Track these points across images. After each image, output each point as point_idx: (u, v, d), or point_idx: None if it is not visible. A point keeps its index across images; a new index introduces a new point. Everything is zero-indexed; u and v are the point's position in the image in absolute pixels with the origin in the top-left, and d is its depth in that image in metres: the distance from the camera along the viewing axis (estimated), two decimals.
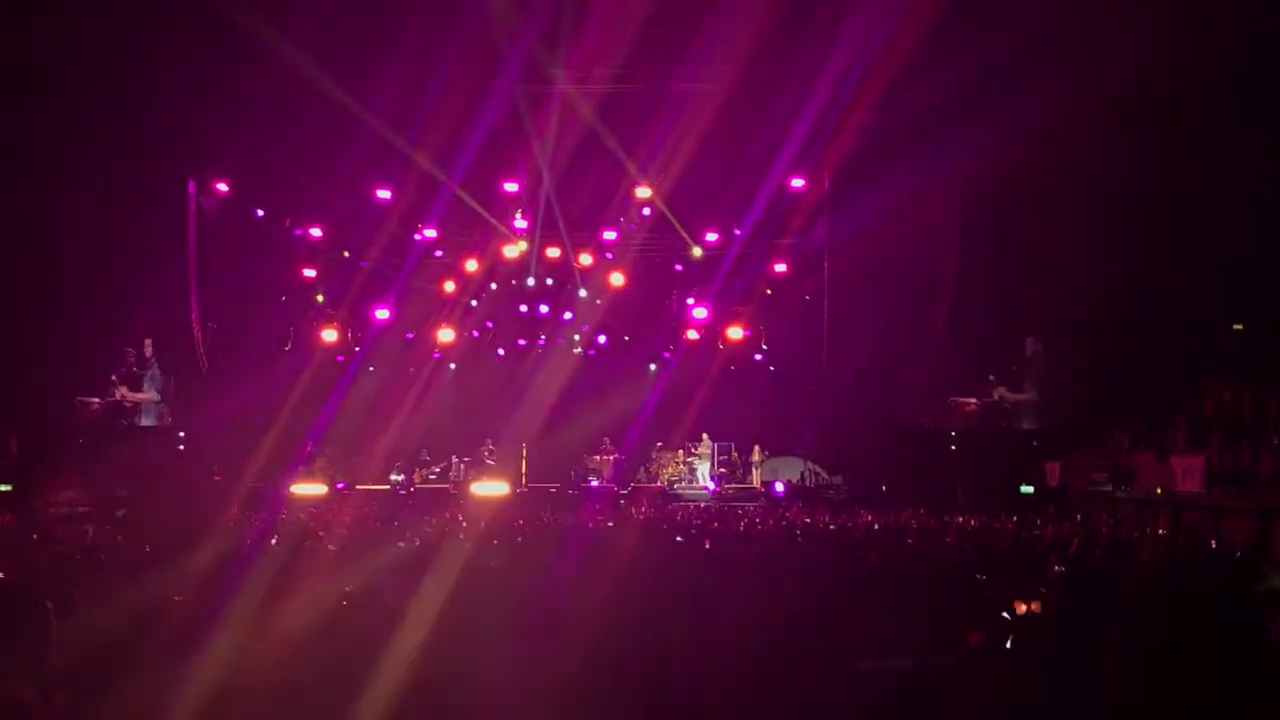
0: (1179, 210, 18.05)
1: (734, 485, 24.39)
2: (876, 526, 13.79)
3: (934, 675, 6.31)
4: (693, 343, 25.44)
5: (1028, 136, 17.69)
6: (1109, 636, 6.33)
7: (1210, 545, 10.88)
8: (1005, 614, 7.21)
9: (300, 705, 5.77)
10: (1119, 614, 6.57)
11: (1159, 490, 16.31)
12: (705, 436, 24.96)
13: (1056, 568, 8.62)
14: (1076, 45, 17.24)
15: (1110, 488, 17.96)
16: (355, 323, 25.59)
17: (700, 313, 25.20)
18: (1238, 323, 18.82)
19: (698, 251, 24.83)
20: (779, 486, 22.87)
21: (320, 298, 25.67)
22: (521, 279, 26.03)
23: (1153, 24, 15.67)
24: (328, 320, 25.18)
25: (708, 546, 11.44)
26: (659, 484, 24.27)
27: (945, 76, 17.97)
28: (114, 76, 18.88)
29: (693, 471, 24.86)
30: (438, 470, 25.09)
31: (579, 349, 26.53)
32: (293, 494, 21.60)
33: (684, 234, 24.65)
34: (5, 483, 19.14)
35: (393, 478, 23.86)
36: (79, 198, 20.18)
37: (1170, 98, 16.87)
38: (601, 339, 26.62)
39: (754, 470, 24.68)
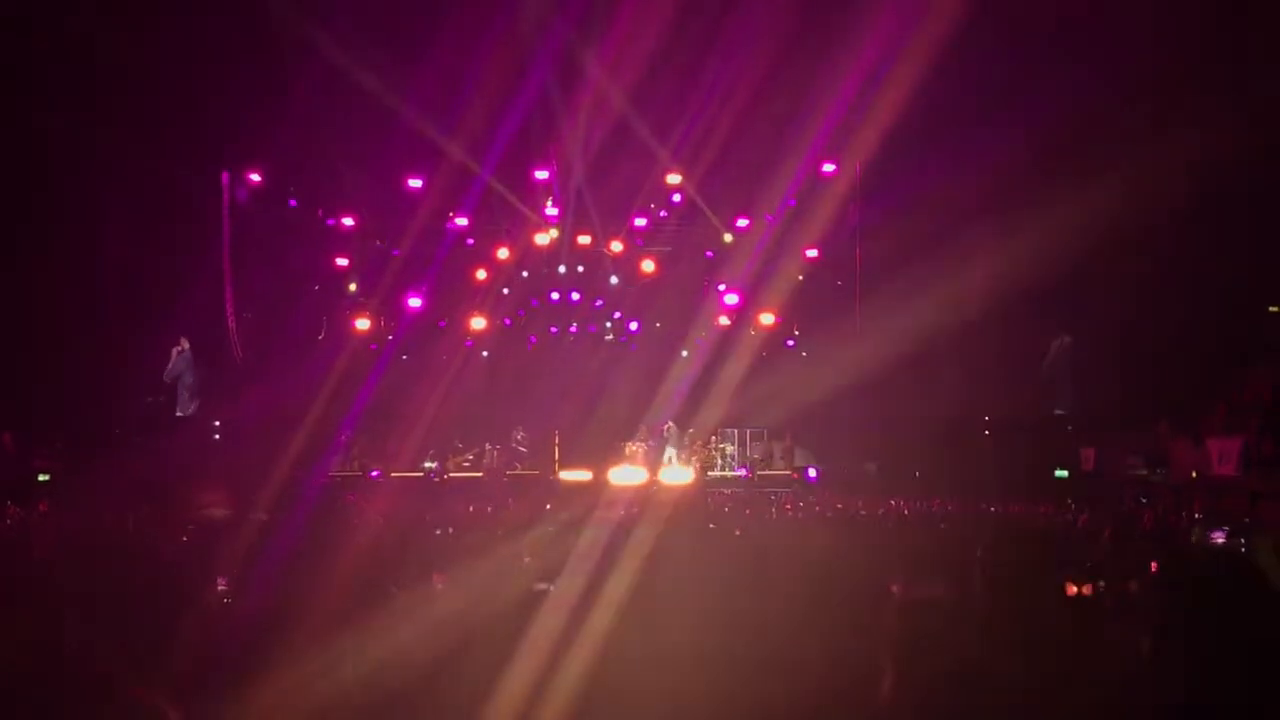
0: (1216, 194, 17.84)
1: (767, 471, 24.36)
2: (906, 512, 13.77)
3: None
4: (724, 329, 25.41)
5: (1064, 124, 17.53)
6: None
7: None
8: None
9: None
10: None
11: (1194, 474, 16.20)
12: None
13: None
14: (1113, 38, 17.09)
15: (1146, 472, 17.83)
16: (388, 311, 25.71)
17: (732, 299, 25.18)
18: (1275, 305, 18.64)
19: (729, 238, 24.83)
20: (811, 473, 22.82)
21: (353, 287, 25.85)
22: (553, 266, 26.12)
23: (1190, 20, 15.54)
24: (361, 309, 25.28)
25: (738, 534, 11.44)
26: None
27: (981, 64, 17.88)
28: (147, 68, 19.01)
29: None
30: (470, 458, 25.19)
31: (610, 336, 26.60)
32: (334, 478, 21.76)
33: (715, 220, 24.65)
34: (44, 473, 19.21)
35: (426, 464, 24.01)
36: (113, 189, 20.29)
37: (1206, 91, 16.69)
38: (633, 326, 26.65)
39: (787, 456, 24.61)
